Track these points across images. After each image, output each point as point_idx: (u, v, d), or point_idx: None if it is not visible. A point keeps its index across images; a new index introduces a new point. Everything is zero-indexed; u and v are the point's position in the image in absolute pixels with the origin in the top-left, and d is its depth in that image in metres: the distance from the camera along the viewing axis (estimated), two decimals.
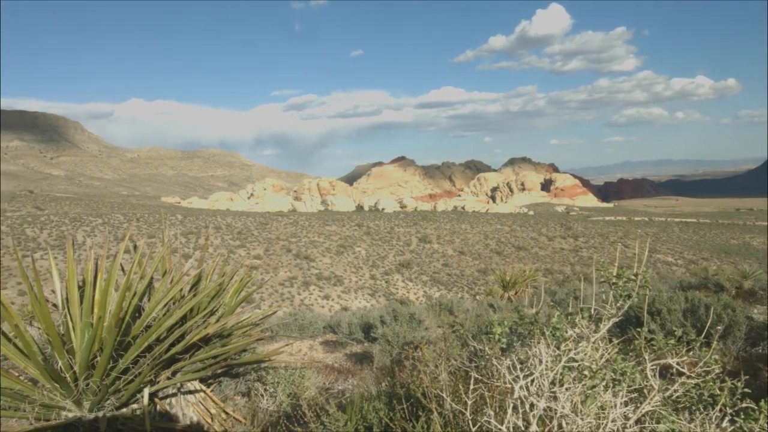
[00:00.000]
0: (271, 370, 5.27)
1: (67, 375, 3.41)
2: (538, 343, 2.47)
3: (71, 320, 3.64)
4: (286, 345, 6.68)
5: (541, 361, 2.37)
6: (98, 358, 3.42)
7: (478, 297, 26.15)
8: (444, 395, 2.60)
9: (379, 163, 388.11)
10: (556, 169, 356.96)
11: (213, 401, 4.07)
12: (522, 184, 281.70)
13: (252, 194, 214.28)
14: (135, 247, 4.26)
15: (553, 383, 2.38)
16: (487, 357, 2.70)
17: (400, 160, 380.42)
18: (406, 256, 69.77)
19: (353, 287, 55.83)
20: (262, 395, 4.96)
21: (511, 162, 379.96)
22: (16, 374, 3.57)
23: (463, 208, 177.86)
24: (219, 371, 4.25)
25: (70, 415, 3.46)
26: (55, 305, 3.83)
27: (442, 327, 9.24)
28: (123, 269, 4.00)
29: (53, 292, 3.95)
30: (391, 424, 2.84)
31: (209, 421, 3.93)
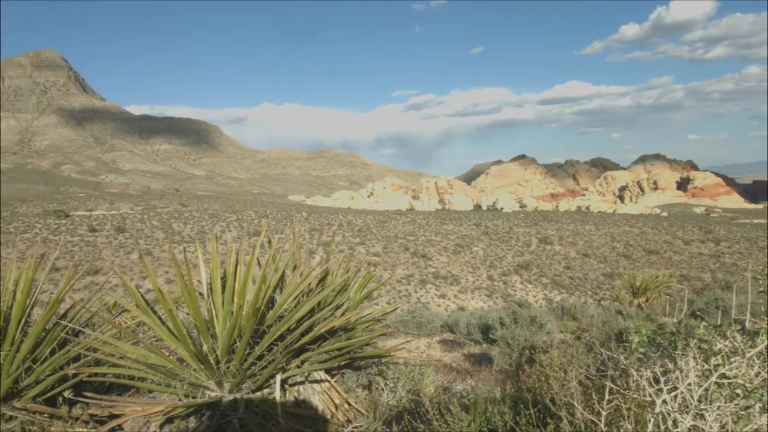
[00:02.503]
0: (392, 365, 5.36)
1: (211, 358, 3.72)
2: (683, 355, 2.27)
3: (214, 308, 3.96)
4: (406, 342, 6.75)
5: (687, 375, 2.18)
6: (237, 343, 3.70)
7: (603, 303, 24.74)
8: (575, 403, 2.48)
9: (499, 162, 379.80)
10: (694, 167, 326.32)
11: (337, 392, 4.23)
12: (654, 183, 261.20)
13: (372, 193, 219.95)
14: (269, 242, 4.55)
15: (700, 400, 2.18)
16: (622, 367, 2.54)
17: (521, 159, 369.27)
18: (526, 257, 67.67)
19: (470, 287, 55.22)
20: (382, 389, 5.06)
21: (643, 159, 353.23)
22: (167, 354, 3.96)
23: (587, 208, 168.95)
24: (343, 363, 4.40)
25: (213, 394, 3.77)
26: (200, 293, 4.19)
27: (564, 332, 8.84)
28: (258, 262, 4.29)
29: (199, 281, 4.33)
30: (516, 429, 2.77)
31: (333, 410, 4.09)
